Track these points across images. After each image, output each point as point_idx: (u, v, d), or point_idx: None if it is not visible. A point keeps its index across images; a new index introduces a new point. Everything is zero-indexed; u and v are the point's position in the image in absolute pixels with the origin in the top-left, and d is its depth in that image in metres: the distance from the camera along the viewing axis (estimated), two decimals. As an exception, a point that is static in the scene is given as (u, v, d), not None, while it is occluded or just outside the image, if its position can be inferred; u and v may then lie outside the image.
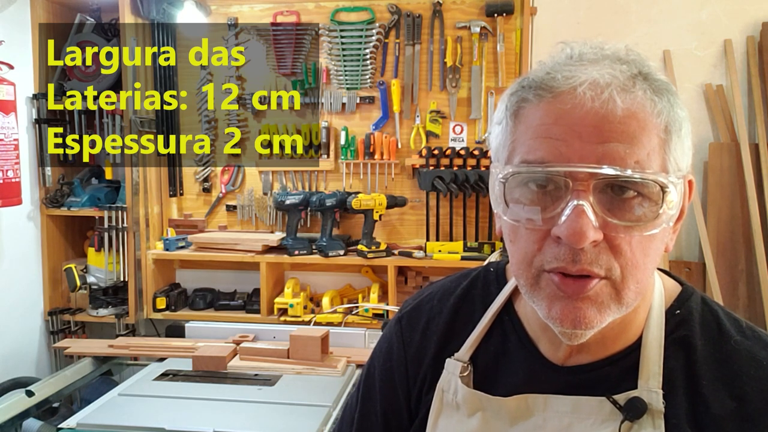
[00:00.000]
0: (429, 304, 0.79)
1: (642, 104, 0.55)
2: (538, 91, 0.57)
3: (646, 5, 2.44)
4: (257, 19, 2.61)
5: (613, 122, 0.53)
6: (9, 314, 2.43)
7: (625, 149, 0.53)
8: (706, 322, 0.65)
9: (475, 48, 2.47)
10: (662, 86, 0.57)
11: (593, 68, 0.56)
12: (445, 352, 0.74)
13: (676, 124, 0.57)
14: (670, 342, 0.64)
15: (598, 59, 0.57)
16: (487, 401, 0.68)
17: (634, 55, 0.58)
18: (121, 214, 2.53)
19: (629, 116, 0.54)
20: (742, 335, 0.64)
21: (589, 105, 0.54)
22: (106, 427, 1.48)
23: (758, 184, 2.32)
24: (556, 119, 0.55)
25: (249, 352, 1.88)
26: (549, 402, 0.65)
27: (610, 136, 0.53)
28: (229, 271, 2.71)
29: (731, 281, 2.35)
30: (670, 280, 0.71)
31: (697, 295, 0.68)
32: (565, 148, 0.54)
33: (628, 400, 0.61)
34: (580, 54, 0.58)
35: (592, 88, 0.54)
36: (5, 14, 2.37)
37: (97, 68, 2.57)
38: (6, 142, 2.19)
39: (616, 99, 0.53)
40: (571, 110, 0.54)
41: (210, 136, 2.68)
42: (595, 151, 0.53)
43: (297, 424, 1.49)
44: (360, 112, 2.60)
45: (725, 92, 2.40)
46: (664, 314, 0.65)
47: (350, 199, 2.40)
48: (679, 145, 0.57)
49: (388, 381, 0.79)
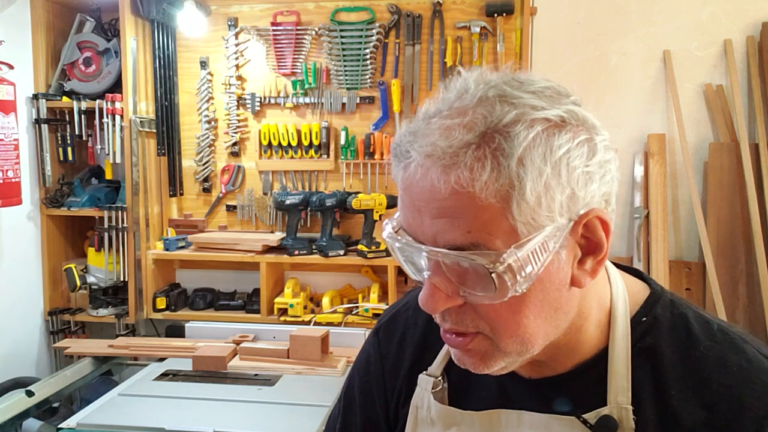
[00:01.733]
0: (405, 315, 0.79)
1: (468, 178, 0.51)
2: (395, 157, 0.57)
3: (646, 5, 2.44)
4: (257, 19, 2.61)
5: (439, 199, 0.52)
6: (9, 314, 2.43)
7: (453, 226, 0.52)
8: (675, 327, 0.63)
9: (475, 48, 2.47)
10: (502, 146, 0.51)
11: (432, 135, 0.53)
12: (419, 365, 0.74)
13: (520, 184, 0.51)
14: (637, 351, 0.62)
15: (436, 128, 0.54)
16: (461, 416, 0.68)
17: (492, 95, 0.54)
18: (121, 214, 2.53)
19: (454, 193, 0.51)
20: (713, 340, 0.62)
21: (420, 184, 0.53)
22: (106, 427, 1.48)
23: (758, 184, 2.32)
24: (404, 189, 0.56)
25: (249, 352, 1.88)
26: (522, 418, 0.65)
27: (438, 213, 0.53)
28: (229, 271, 2.71)
29: (731, 281, 2.35)
30: (638, 284, 0.68)
31: (666, 299, 0.66)
32: (412, 219, 0.55)
33: (598, 420, 0.60)
34: (435, 111, 0.56)
35: (421, 165, 0.53)
36: (5, 14, 2.37)
37: (97, 68, 2.57)
38: (6, 142, 2.19)
39: (440, 177, 0.52)
40: (410, 186, 0.55)
41: (210, 136, 2.68)
42: (431, 228, 0.54)
43: (297, 424, 1.49)
44: (360, 112, 2.60)
45: (725, 92, 2.40)
46: (630, 323, 0.63)
47: (350, 199, 2.40)
48: (533, 201, 0.51)
49: (367, 394, 0.79)
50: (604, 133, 0.57)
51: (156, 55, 2.55)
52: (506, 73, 0.57)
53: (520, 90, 0.54)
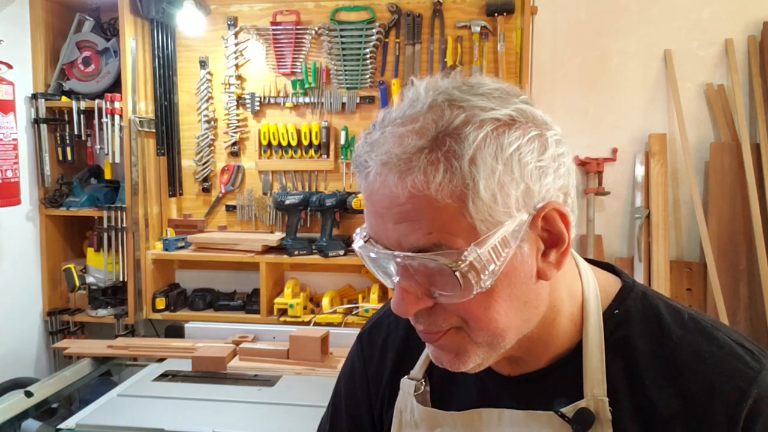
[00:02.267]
0: (387, 321, 0.81)
1: (423, 181, 0.53)
2: (356, 169, 0.59)
3: (646, 5, 2.44)
4: (257, 19, 2.61)
5: (398, 204, 0.54)
6: (8, 314, 2.43)
7: (414, 228, 0.54)
8: (647, 318, 0.64)
9: (475, 47, 2.46)
10: (461, 142, 0.53)
11: (381, 148, 0.55)
12: (401, 369, 0.75)
13: (474, 182, 0.52)
14: (610, 345, 0.63)
15: (390, 136, 0.55)
16: (443, 417, 0.69)
17: (438, 110, 0.55)
18: (120, 214, 2.53)
19: (411, 197, 0.53)
20: (684, 329, 0.63)
21: (380, 193, 0.55)
22: (106, 428, 1.47)
23: (759, 184, 2.31)
24: (367, 197, 0.58)
25: (248, 353, 1.87)
26: (503, 416, 0.66)
27: (399, 218, 0.54)
28: (228, 272, 2.71)
29: (732, 281, 2.35)
30: (610, 277, 0.69)
31: (638, 291, 0.67)
32: (377, 227, 0.57)
33: (575, 413, 0.61)
34: (389, 119, 0.57)
35: (380, 173, 0.55)
36: (4, 14, 2.36)
37: (96, 68, 2.57)
38: (5, 142, 2.18)
39: (397, 183, 0.54)
40: (372, 194, 0.56)
41: (209, 135, 2.67)
42: (394, 233, 0.55)
43: (297, 424, 1.48)
44: (360, 111, 2.59)
45: (726, 92, 2.40)
46: (602, 316, 0.64)
47: (350, 199, 2.40)
48: (488, 198, 0.53)
49: (353, 399, 0.81)
50: (555, 128, 0.58)
51: (155, 55, 2.54)
52: (456, 79, 0.59)
53: (469, 93, 0.56)
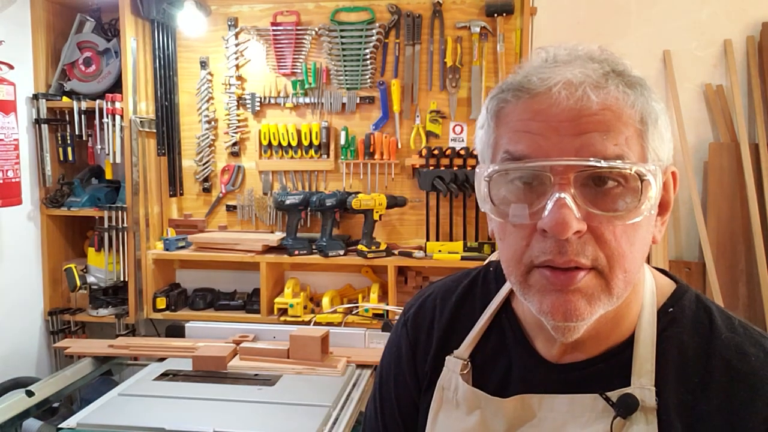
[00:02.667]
0: (432, 304, 0.81)
1: (615, 97, 0.57)
2: (516, 92, 0.60)
3: (646, 5, 2.44)
4: (257, 19, 2.61)
5: (588, 115, 0.55)
6: (9, 314, 2.43)
7: (602, 138, 0.55)
8: (699, 319, 0.66)
9: (475, 48, 2.47)
10: (635, 81, 0.59)
11: (566, 69, 0.58)
12: (445, 350, 0.76)
13: (652, 115, 0.58)
14: (662, 339, 0.65)
15: (571, 60, 0.59)
16: (486, 400, 0.69)
17: (607, 54, 0.60)
18: (121, 214, 2.53)
19: (604, 108, 0.56)
20: (733, 332, 0.65)
21: (564, 103, 0.56)
22: (106, 427, 1.48)
23: (758, 184, 2.32)
24: (533, 116, 0.58)
25: (249, 352, 1.88)
26: (545, 402, 0.66)
27: (586, 128, 0.55)
28: (229, 271, 2.71)
29: (731, 281, 2.35)
30: (665, 279, 0.71)
31: (691, 294, 0.69)
32: (543, 141, 0.57)
33: (620, 397, 0.62)
34: (554, 56, 0.61)
35: (566, 87, 0.56)
36: (5, 14, 2.37)
37: (97, 68, 2.57)
38: (6, 142, 2.19)
39: (590, 95, 0.56)
40: (548, 108, 0.57)
41: (210, 136, 2.68)
42: (572, 144, 0.56)
43: (297, 424, 1.49)
44: (360, 112, 2.60)
45: (725, 92, 2.40)
46: (656, 312, 0.66)
47: (350, 199, 2.40)
48: (656, 135, 0.59)
49: (402, 384, 0.81)
50: None
51: (156, 55, 2.55)
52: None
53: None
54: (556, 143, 0.56)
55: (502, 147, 0.60)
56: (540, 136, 0.57)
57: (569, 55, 0.60)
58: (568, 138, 0.56)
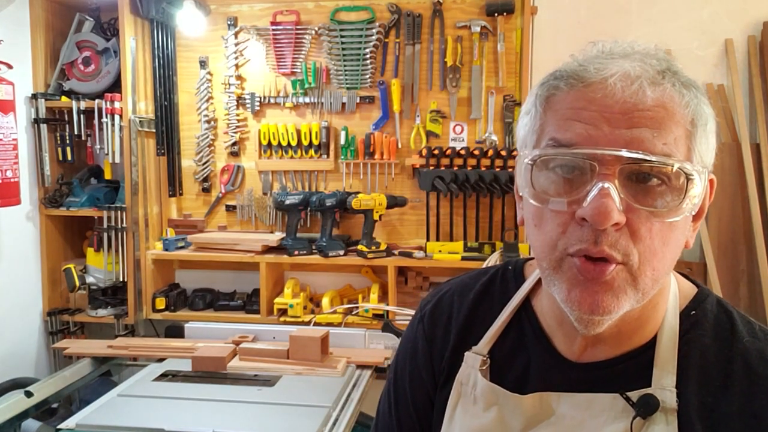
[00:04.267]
0: (449, 300, 0.81)
1: (671, 95, 0.57)
2: (570, 80, 0.59)
3: (646, 5, 2.43)
4: (257, 19, 2.61)
5: (642, 110, 0.55)
6: (8, 314, 2.42)
7: (652, 134, 0.55)
8: (720, 323, 0.66)
9: (475, 47, 2.46)
10: (690, 82, 0.59)
11: (624, 61, 0.58)
12: (463, 346, 0.76)
13: (702, 118, 0.59)
14: (683, 342, 0.65)
15: (628, 54, 0.59)
16: (504, 397, 0.69)
17: (662, 54, 0.60)
18: (120, 214, 2.53)
19: (658, 105, 0.56)
20: (753, 336, 0.65)
21: (619, 94, 0.56)
22: (106, 428, 1.47)
23: (759, 184, 2.31)
24: (586, 105, 0.57)
25: (248, 353, 1.87)
26: (563, 400, 0.66)
27: (638, 123, 0.55)
28: (228, 272, 2.70)
29: (732, 281, 2.35)
30: (687, 283, 0.72)
31: (713, 298, 0.69)
32: (593, 131, 0.56)
33: (640, 397, 0.62)
34: (611, 49, 0.61)
35: (623, 79, 0.56)
36: (4, 14, 2.36)
37: (96, 68, 2.57)
38: (5, 142, 2.18)
39: (645, 89, 0.56)
40: (602, 98, 0.57)
41: (209, 135, 2.67)
42: (622, 136, 0.55)
43: (297, 424, 1.48)
44: (360, 111, 2.59)
45: (726, 92, 2.40)
46: (679, 315, 0.67)
47: (350, 199, 2.40)
48: (704, 139, 0.59)
49: (417, 380, 0.81)
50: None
51: (155, 55, 2.54)
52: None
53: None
54: (606, 134, 0.56)
55: (548, 134, 0.60)
56: (590, 125, 0.56)
57: (626, 49, 0.60)
58: (619, 130, 0.55)
